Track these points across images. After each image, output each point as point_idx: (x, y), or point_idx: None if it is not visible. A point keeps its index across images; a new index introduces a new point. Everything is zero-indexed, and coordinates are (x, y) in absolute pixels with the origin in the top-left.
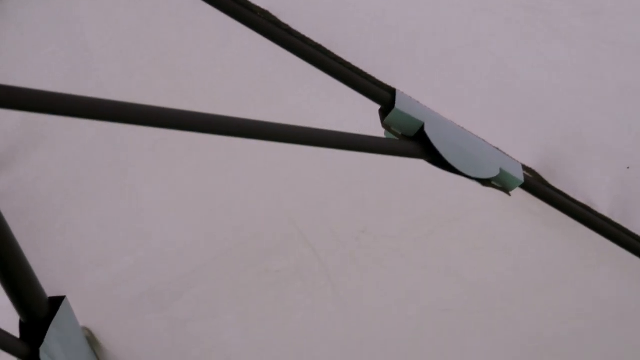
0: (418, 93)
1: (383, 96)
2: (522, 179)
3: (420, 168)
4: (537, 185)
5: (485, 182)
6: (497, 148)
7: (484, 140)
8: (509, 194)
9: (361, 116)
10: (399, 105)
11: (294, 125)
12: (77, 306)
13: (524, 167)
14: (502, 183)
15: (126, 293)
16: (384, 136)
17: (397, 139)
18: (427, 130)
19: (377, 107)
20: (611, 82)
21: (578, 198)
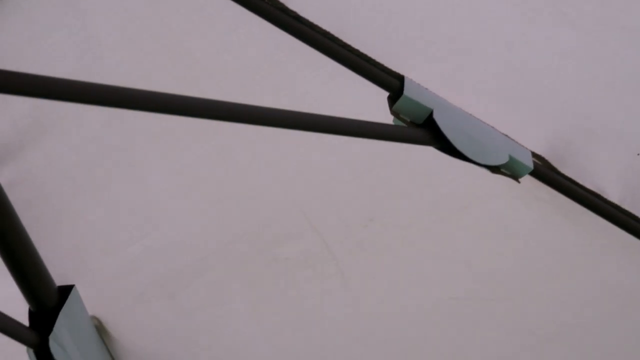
0: (426, 80)
1: (391, 83)
2: (532, 166)
3: (429, 155)
4: (547, 172)
5: (494, 170)
6: (506, 135)
7: (493, 127)
8: (518, 181)
9: (369, 103)
10: (408, 92)
11: (303, 111)
12: (86, 295)
13: (533, 154)
14: (512, 170)
15: (135, 282)
16: (393, 123)
17: (406, 126)
18: (436, 117)
19: (386, 94)
20: (621, 68)
21: (588, 185)
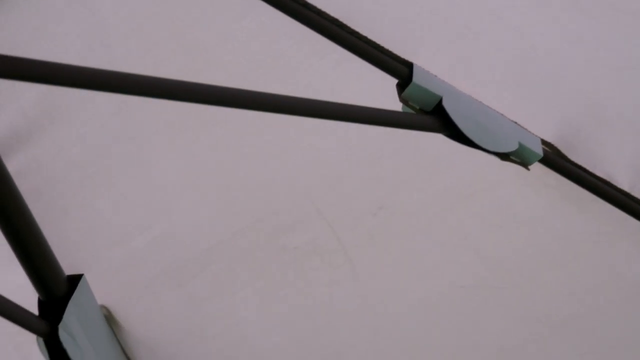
0: (435, 67)
1: (400, 70)
2: (541, 153)
3: (437, 143)
4: (556, 159)
5: (503, 157)
6: (516, 122)
7: (502, 114)
8: (528, 169)
9: (378, 91)
10: (417, 79)
11: (311, 98)
12: (95, 284)
13: (543, 142)
14: (521, 157)
15: (143, 271)
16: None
17: (415, 113)
18: (445, 104)
19: (395, 82)
20: (631, 54)
21: (597, 172)
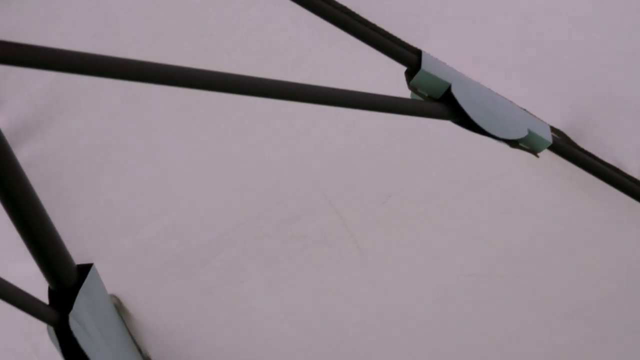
0: (444, 54)
1: (409, 58)
2: (551, 140)
3: (446, 131)
4: (566, 146)
5: (513, 144)
6: (525, 109)
7: (511, 101)
8: (537, 156)
9: (387, 79)
10: (425, 66)
11: (320, 85)
12: (105, 274)
13: (552, 129)
14: (530, 144)
15: (153, 260)
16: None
17: (424, 100)
18: (454, 91)
19: (403, 69)
20: None
21: (607, 159)
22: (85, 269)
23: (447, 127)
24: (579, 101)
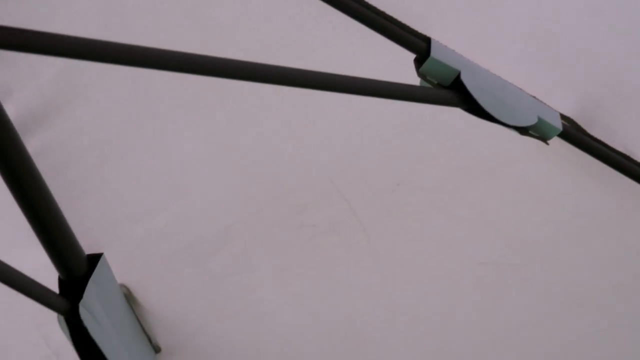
0: (453, 41)
1: (418, 45)
2: (561, 128)
3: (455, 119)
4: (576, 134)
5: (522, 131)
6: (534, 96)
7: (521, 88)
8: (547, 143)
9: (396, 66)
10: (435, 53)
11: (329, 72)
12: (115, 263)
13: (562, 116)
14: (540, 132)
15: (163, 249)
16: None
17: (434, 88)
18: (464, 78)
19: (413, 57)
20: None
21: (617, 147)
22: (95, 259)
23: (457, 114)
24: (589, 88)
